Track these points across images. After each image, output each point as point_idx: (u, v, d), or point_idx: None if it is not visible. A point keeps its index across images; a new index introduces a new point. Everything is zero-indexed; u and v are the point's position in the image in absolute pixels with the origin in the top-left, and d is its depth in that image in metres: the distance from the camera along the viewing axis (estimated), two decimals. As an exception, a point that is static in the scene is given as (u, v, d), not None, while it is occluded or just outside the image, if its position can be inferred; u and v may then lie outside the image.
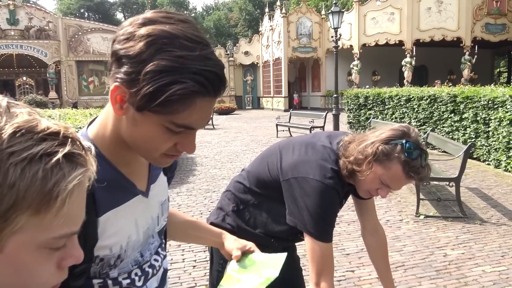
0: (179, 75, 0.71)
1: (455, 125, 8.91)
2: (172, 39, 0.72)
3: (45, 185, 0.47)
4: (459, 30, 22.21)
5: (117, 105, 0.77)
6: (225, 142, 12.26)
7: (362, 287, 3.31)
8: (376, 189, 1.47)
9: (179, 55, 0.71)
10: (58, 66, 28.20)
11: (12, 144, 0.46)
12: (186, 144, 0.80)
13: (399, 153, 1.38)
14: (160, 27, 0.73)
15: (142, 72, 0.71)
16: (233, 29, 56.53)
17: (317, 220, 1.45)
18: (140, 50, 0.72)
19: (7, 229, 0.46)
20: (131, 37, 0.73)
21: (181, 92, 0.71)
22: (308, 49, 27.35)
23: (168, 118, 0.74)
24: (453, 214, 5.03)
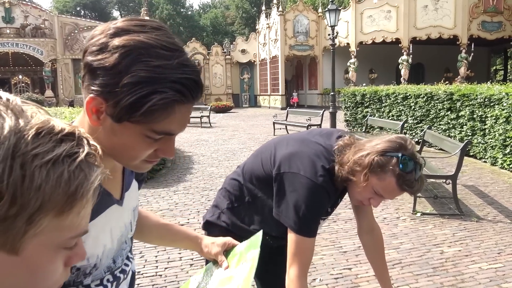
0: (158, 85, 0.71)
1: (452, 123, 8.94)
2: (148, 49, 0.72)
3: (69, 187, 0.47)
4: (455, 28, 22.24)
5: (93, 116, 0.76)
6: (222, 140, 12.25)
7: (359, 284, 3.32)
8: (368, 198, 1.50)
9: (156, 65, 0.71)
10: (54, 65, 28.09)
11: (35, 146, 0.45)
12: (166, 150, 0.81)
13: (394, 166, 1.39)
14: (134, 37, 0.73)
15: (120, 84, 0.71)
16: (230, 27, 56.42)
17: (301, 216, 1.47)
18: (115, 61, 0.71)
19: (30, 232, 0.46)
20: (104, 48, 0.73)
21: (162, 102, 0.72)
22: (305, 47, 27.34)
23: (148, 126, 0.75)
24: (450, 211, 5.04)
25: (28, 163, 0.44)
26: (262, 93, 30.97)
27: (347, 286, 3.30)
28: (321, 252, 3.96)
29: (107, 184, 0.88)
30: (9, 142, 0.44)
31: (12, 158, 0.44)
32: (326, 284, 3.34)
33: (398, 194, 1.46)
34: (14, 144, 0.44)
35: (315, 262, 3.72)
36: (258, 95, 31.87)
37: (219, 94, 31.26)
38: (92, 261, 0.87)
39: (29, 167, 0.44)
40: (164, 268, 3.68)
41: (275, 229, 1.64)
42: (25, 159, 0.44)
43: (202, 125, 16.39)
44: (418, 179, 1.42)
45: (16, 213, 0.44)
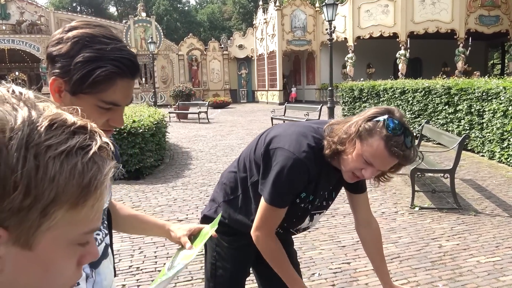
0: (101, 62, 0.93)
1: (450, 117, 8.94)
2: (92, 38, 0.94)
3: (83, 179, 0.46)
4: (453, 22, 22.22)
5: (56, 95, 0.96)
6: (220, 136, 12.24)
7: (358, 279, 3.33)
8: (360, 169, 1.45)
9: (99, 48, 0.93)
10: (51, 61, 27.97)
11: (48, 137, 0.45)
12: (116, 119, 1.00)
13: (381, 128, 1.37)
14: (82, 30, 0.95)
15: (72, 64, 0.92)
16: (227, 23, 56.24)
17: (277, 188, 1.49)
18: (68, 48, 0.93)
19: (44, 225, 0.45)
20: (61, 40, 0.95)
21: (104, 74, 0.92)
22: (303, 42, 27.28)
23: (98, 97, 0.95)
24: (448, 205, 5.06)
25: (41, 154, 0.44)
26: (260, 88, 30.92)
27: (346, 281, 3.31)
28: (319, 246, 3.97)
29: None
30: (23, 132, 0.44)
31: (26, 149, 0.43)
32: (325, 279, 3.35)
33: (389, 161, 1.40)
34: (27, 134, 0.44)
35: (314, 257, 3.73)
36: (256, 91, 31.82)
37: (217, 89, 31.19)
38: None
39: (42, 158, 0.44)
40: (163, 263, 3.68)
41: None
42: (39, 150, 0.44)
43: (200, 121, 16.37)
44: (410, 146, 1.37)
45: (30, 204, 0.43)
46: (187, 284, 3.32)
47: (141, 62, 28.91)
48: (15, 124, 0.44)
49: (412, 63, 23.96)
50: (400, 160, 1.40)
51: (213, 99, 25.91)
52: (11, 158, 0.43)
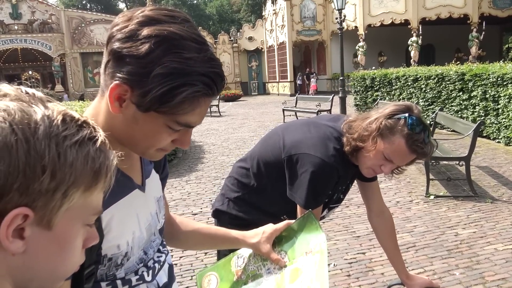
0: (189, 77, 0.73)
1: (464, 104, 8.81)
2: (179, 41, 0.73)
3: (94, 164, 0.53)
4: (466, 6, 21.80)
5: (115, 103, 0.76)
6: (232, 129, 12.25)
7: (373, 268, 3.32)
8: (379, 166, 1.48)
9: (187, 57, 0.73)
10: (63, 59, 28.23)
11: (63, 128, 0.51)
12: (183, 141, 0.84)
13: (402, 126, 1.40)
14: (166, 27, 0.73)
15: (152, 73, 0.72)
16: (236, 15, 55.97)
17: (311, 194, 1.53)
18: (147, 51, 0.71)
19: (64, 206, 0.51)
20: (134, 36, 0.73)
21: (191, 96, 0.74)
22: (313, 32, 27.05)
23: (173, 118, 0.77)
24: (464, 193, 5.00)
25: (60, 143, 0.50)
26: (271, 80, 30.82)
27: (361, 271, 3.31)
28: (334, 237, 3.96)
29: (127, 170, 0.89)
30: (45, 124, 0.50)
31: (49, 138, 0.49)
32: (341, 269, 3.35)
33: (409, 158, 1.45)
34: (48, 126, 0.50)
35: (329, 248, 3.73)
36: (266, 83, 31.73)
37: (228, 82, 30.80)
38: (122, 248, 0.86)
39: (61, 146, 0.50)
40: (179, 257, 3.72)
41: (285, 209, 1.68)
42: (58, 140, 0.50)
43: (211, 114, 16.40)
44: (428, 142, 1.42)
45: (55, 186, 0.49)
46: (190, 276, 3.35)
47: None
48: (36, 117, 0.50)
49: (425, 50, 23.58)
50: (418, 156, 1.45)
51: (224, 92, 25.90)
52: (39, 145, 0.49)
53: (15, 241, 0.48)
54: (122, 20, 0.76)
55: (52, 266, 0.54)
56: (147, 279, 0.93)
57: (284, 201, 1.63)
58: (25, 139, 0.48)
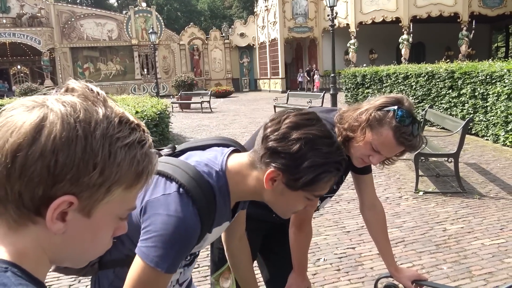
0: (328, 167, 1.03)
1: (453, 101, 8.90)
2: (317, 140, 1.03)
3: (138, 167, 0.58)
4: (456, 5, 21.95)
5: (269, 182, 1.05)
6: (224, 125, 12.24)
7: (363, 263, 3.36)
8: (368, 156, 1.50)
9: (326, 152, 1.03)
10: (52, 54, 27.91)
11: (118, 130, 0.57)
12: (312, 204, 1.25)
13: (391, 118, 1.42)
14: (308, 130, 1.03)
15: (301, 166, 1.01)
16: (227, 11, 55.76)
17: None
18: (297, 149, 1.01)
19: (105, 200, 0.57)
20: (286, 138, 1.02)
21: (327, 178, 1.04)
22: (304, 29, 27.07)
23: (312, 193, 1.07)
24: (452, 189, 5.06)
25: (113, 144, 0.56)
26: (262, 76, 30.80)
27: (351, 265, 3.34)
28: (324, 232, 3.99)
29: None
30: (103, 125, 0.56)
31: (104, 138, 0.55)
32: (331, 264, 3.38)
33: (397, 150, 1.47)
34: (106, 127, 0.56)
35: (319, 243, 3.76)
36: (258, 79, 31.70)
37: (219, 79, 31.09)
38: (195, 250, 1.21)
39: (113, 147, 0.56)
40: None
41: None
42: (112, 140, 0.56)
43: (202, 111, 16.36)
44: (417, 135, 1.44)
45: (102, 182, 0.55)
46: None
47: (143, 52, 28.87)
48: (98, 117, 0.56)
49: (415, 48, 23.75)
50: (406, 148, 1.48)
51: (216, 89, 25.84)
52: (95, 144, 0.54)
53: (57, 223, 0.55)
54: (272, 123, 1.06)
55: (84, 249, 0.61)
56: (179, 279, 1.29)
57: None
58: (84, 136, 0.54)
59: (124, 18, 29.08)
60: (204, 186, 1.06)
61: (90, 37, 28.35)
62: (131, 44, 28.79)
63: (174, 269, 1.01)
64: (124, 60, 29.27)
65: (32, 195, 0.53)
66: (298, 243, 1.69)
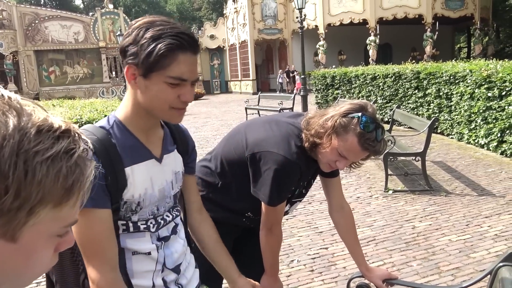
0: (161, 39, 1.02)
1: (420, 101, 9.15)
2: (153, 23, 1.06)
3: (67, 181, 0.50)
4: (420, 7, 22.60)
5: (132, 82, 1.08)
6: (195, 128, 12.15)
7: (336, 263, 3.40)
8: (335, 161, 1.55)
9: (159, 29, 1.04)
10: (16, 57, 26.97)
11: (36, 143, 0.49)
12: (185, 94, 1.07)
13: (355, 125, 1.46)
14: (143, 20, 1.08)
15: (141, 46, 1.02)
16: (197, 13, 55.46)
17: (275, 191, 1.57)
18: (134, 35, 1.05)
19: (29, 222, 0.49)
20: (127, 34, 1.07)
21: (165, 48, 1.01)
22: (274, 31, 27.24)
23: (164, 73, 1.03)
24: (420, 187, 5.20)
25: (30, 159, 0.48)
26: (233, 78, 30.79)
27: (324, 265, 3.38)
28: (297, 233, 4.03)
29: (148, 144, 1.18)
30: (14, 139, 0.47)
31: (17, 155, 0.47)
32: (304, 265, 3.41)
33: (362, 154, 1.51)
34: (18, 141, 0.47)
35: (292, 244, 3.79)
36: (229, 81, 31.66)
37: (190, 81, 30.79)
38: (135, 197, 1.13)
39: (31, 163, 0.48)
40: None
41: (250, 206, 1.72)
42: (28, 156, 0.48)
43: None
44: (380, 140, 1.49)
45: (19, 205, 0.48)
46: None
47: (110, 55, 28.31)
48: (6, 131, 0.47)
49: (382, 49, 24.32)
50: (371, 153, 1.52)
51: (186, 91, 25.56)
52: (3, 165, 0.46)
53: None
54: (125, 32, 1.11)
55: (20, 273, 0.54)
56: (151, 230, 1.18)
57: (249, 199, 1.66)
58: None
59: (91, 20, 28.43)
60: (96, 131, 1.12)
61: (56, 39, 27.57)
62: (99, 47, 28.17)
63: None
64: (92, 63, 28.61)
65: None
66: (269, 245, 1.71)
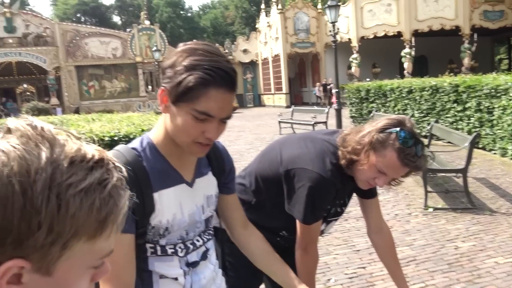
0: (195, 70, 0.96)
1: (459, 115, 8.87)
2: (195, 50, 1.00)
3: (100, 214, 0.50)
4: (457, 19, 22.09)
5: (163, 105, 1.04)
6: (229, 141, 12.23)
7: (374, 283, 3.30)
8: (373, 178, 1.50)
9: (196, 59, 0.98)
10: (58, 72, 28.17)
11: (69, 175, 0.48)
12: (209, 130, 1.02)
13: (394, 140, 1.42)
14: (188, 45, 1.03)
15: (176, 72, 0.99)
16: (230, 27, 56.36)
17: (310, 209, 1.54)
18: (174, 59, 1.01)
19: (64, 256, 0.49)
20: (171, 55, 1.03)
21: (196, 81, 0.96)
22: (307, 44, 27.26)
23: (191, 106, 0.98)
24: (462, 205, 5.01)
25: (63, 192, 0.47)
26: (266, 92, 30.93)
27: (362, 286, 3.29)
28: (334, 251, 3.94)
29: (180, 168, 1.14)
30: (46, 173, 0.47)
31: (49, 189, 0.47)
32: (341, 284, 3.33)
33: (402, 171, 1.47)
34: (50, 174, 0.47)
35: (329, 262, 3.71)
36: (261, 94, 31.83)
37: (223, 94, 31.16)
38: (163, 223, 1.10)
39: (64, 196, 0.47)
40: None
41: (284, 225, 1.69)
42: (60, 189, 0.47)
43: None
44: (421, 155, 1.44)
45: (52, 240, 0.47)
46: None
47: (147, 70, 29.09)
48: (39, 164, 0.47)
49: (418, 61, 23.83)
50: (411, 169, 1.47)
51: (219, 105, 25.85)
52: (36, 200, 0.46)
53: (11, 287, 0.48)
54: None
55: None
56: (179, 254, 1.15)
57: (283, 217, 1.64)
58: (22, 191, 0.45)
59: (128, 36, 29.39)
60: (128, 153, 1.08)
61: (95, 55, 28.63)
62: (135, 62, 29.04)
63: None
64: (129, 78, 29.50)
65: None
66: (305, 266, 1.68)
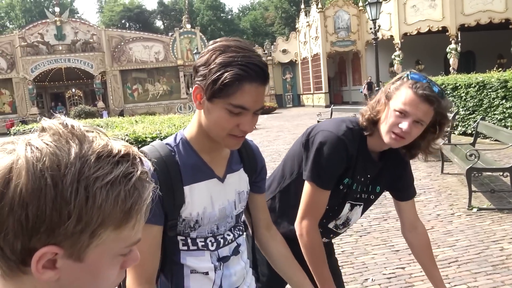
0: (230, 67, 1.02)
1: (508, 112, 8.46)
2: (227, 47, 1.05)
3: (125, 205, 0.54)
4: (507, 11, 21.02)
5: (197, 102, 1.09)
6: (267, 141, 12.28)
7: (413, 284, 3.23)
8: (397, 125, 1.46)
9: (230, 55, 1.03)
10: (104, 77, 29.33)
11: (96, 169, 0.53)
12: (244, 123, 1.07)
13: (406, 81, 1.48)
14: (220, 42, 1.07)
15: (211, 70, 1.03)
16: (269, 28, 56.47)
17: (318, 165, 1.54)
18: (207, 57, 1.06)
19: (93, 244, 0.54)
20: (203, 53, 1.08)
21: (230, 77, 1.01)
22: (347, 43, 26.86)
23: (227, 100, 1.03)
24: (509, 205, 4.78)
25: (90, 185, 0.52)
26: (305, 92, 30.76)
27: (401, 286, 3.22)
28: (372, 251, 3.88)
29: (211, 163, 1.19)
30: (75, 167, 0.52)
31: (78, 182, 0.51)
32: (379, 284, 3.28)
33: (422, 107, 1.42)
34: (79, 168, 0.52)
35: (366, 262, 3.66)
36: (301, 94, 31.69)
37: (262, 95, 31.29)
38: (193, 215, 1.15)
39: (91, 188, 0.52)
40: None
41: None
42: (88, 182, 0.52)
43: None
44: (438, 91, 1.44)
45: (81, 229, 0.52)
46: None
47: (187, 72, 29.71)
48: (68, 159, 0.52)
49: (464, 57, 22.89)
50: (431, 104, 1.42)
51: (259, 105, 25.98)
52: (66, 192, 0.51)
53: (47, 272, 0.53)
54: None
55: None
56: (210, 248, 1.18)
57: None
58: (53, 184, 0.50)
59: (170, 40, 30.14)
60: (161, 148, 1.14)
61: (138, 59, 29.56)
62: (177, 65, 29.74)
63: None
64: (170, 80, 30.25)
65: (12, 249, 0.51)
66: (304, 245, 1.57)
